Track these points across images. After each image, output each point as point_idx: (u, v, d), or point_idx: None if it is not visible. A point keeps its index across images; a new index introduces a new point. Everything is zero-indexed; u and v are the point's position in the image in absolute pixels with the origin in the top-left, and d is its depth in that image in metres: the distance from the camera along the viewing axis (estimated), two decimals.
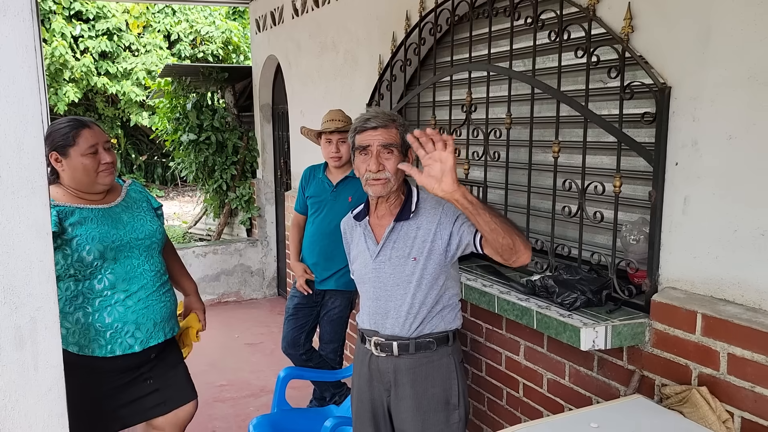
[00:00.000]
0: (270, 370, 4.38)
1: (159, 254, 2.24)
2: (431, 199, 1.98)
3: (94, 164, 2.09)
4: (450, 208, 1.91)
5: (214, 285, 6.10)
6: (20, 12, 1.32)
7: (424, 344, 1.96)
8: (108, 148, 2.13)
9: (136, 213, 2.21)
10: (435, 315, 1.97)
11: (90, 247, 2.02)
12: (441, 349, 1.98)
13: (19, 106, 1.35)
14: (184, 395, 2.29)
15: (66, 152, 2.06)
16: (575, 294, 2.09)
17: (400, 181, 1.99)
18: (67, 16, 11.74)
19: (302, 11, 4.79)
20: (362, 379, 2.08)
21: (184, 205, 13.25)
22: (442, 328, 1.99)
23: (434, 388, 1.97)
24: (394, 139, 1.93)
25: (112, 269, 2.07)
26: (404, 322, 1.96)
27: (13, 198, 1.37)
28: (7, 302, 1.40)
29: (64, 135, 2.06)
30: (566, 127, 2.46)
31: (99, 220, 2.09)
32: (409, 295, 1.94)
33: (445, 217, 1.92)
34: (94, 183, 2.11)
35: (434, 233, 1.92)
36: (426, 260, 1.92)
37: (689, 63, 1.86)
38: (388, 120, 1.94)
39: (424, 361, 1.97)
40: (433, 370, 1.98)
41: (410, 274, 1.93)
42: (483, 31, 2.77)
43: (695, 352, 1.84)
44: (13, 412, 1.44)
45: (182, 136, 6.40)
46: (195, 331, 2.48)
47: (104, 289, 2.06)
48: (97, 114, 13.59)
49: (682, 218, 1.92)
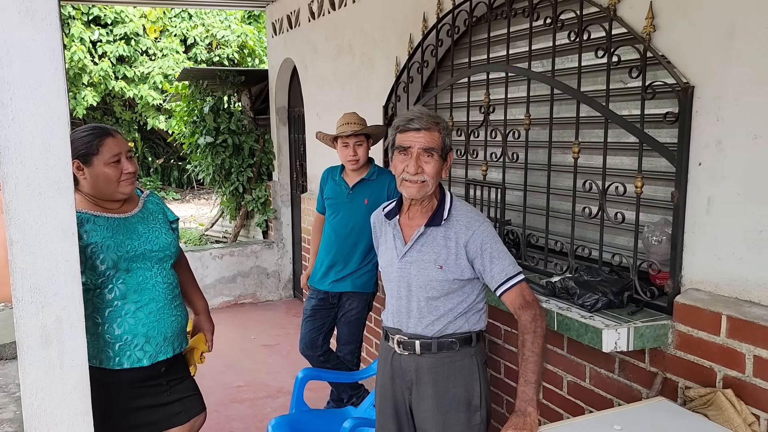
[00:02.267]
0: (286, 372, 4.40)
1: (172, 267, 2.23)
2: (464, 212, 1.97)
3: (117, 173, 2.07)
4: (477, 239, 1.91)
5: (231, 287, 6.14)
6: (47, 16, 1.34)
7: (446, 344, 1.96)
8: (130, 157, 2.12)
9: (152, 224, 2.20)
10: (459, 317, 1.97)
11: (104, 255, 2.01)
12: (464, 350, 1.98)
13: (46, 108, 1.36)
14: (198, 405, 2.29)
15: (89, 161, 2.05)
16: (596, 295, 2.07)
17: (436, 186, 1.97)
18: (85, 21, 11.89)
19: (318, 14, 4.81)
20: (385, 376, 2.08)
21: (200, 208, 13.34)
22: (465, 329, 1.98)
23: (456, 389, 1.97)
24: (436, 143, 1.90)
25: (124, 279, 2.06)
26: (427, 322, 1.96)
27: (40, 199, 1.39)
28: (34, 301, 1.41)
29: (88, 143, 2.05)
30: (586, 128, 2.44)
31: (114, 230, 2.08)
32: (433, 298, 1.94)
33: (473, 245, 1.92)
34: (115, 192, 2.10)
35: (462, 249, 1.92)
36: (452, 270, 1.92)
37: (713, 62, 1.84)
38: (431, 123, 1.91)
39: (447, 360, 1.96)
40: (455, 370, 1.97)
41: (435, 279, 1.93)
42: (501, 31, 2.76)
43: (720, 354, 1.81)
44: (39, 410, 1.45)
45: (199, 139, 6.45)
46: (200, 353, 2.44)
47: (115, 299, 2.05)
48: (114, 118, 13.74)
49: (705, 219, 1.89)
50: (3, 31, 1.31)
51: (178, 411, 2.22)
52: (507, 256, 1.93)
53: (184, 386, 2.26)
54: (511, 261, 1.93)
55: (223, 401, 3.99)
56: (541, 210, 2.58)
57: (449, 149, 1.97)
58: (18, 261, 1.38)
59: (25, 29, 1.32)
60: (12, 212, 1.36)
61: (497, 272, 1.90)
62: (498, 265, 1.91)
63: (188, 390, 2.27)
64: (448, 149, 1.96)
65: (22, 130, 1.34)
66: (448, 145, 1.96)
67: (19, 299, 1.40)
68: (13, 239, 1.37)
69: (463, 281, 1.95)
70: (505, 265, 1.91)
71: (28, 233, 1.38)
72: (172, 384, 2.20)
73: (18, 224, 1.37)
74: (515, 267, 1.93)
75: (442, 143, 1.93)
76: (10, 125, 1.34)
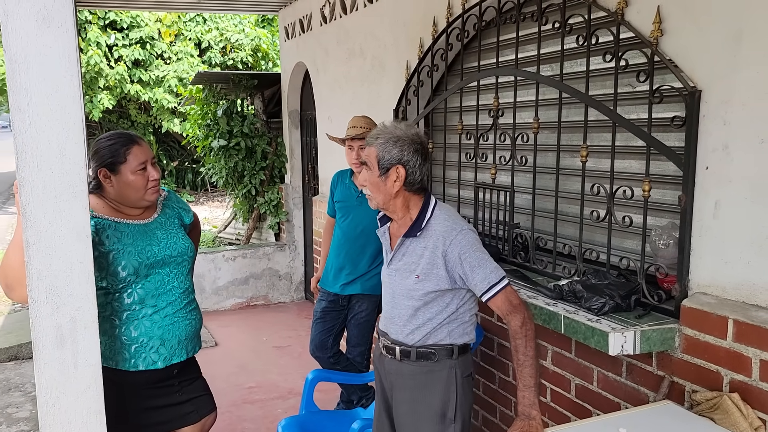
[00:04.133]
0: (297, 373, 4.43)
1: (188, 272, 2.27)
2: (442, 221, 1.97)
3: (143, 181, 2.09)
4: (455, 249, 1.91)
5: (243, 288, 6.19)
6: (64, 23, 1.38)
7: (425, 354, 1.98)
8: (154, 164, 2.14)
9: (170, 230, 2.23)
10: (440, 328, 1.98)
11: (125, 262, 2.04)
12: (443, 362, 1.99)
13: (62, 114, 1.40)
14: (209, 405, 2.33)
15: (116, 169, 2.07)
16: (603, 299, 2.07)
17: (397, 202, 1.99)
18: (102, 26, 12.03)
19: (330, 18, 4.85)
20: (377, 374, 2.17)
21: (213, 210, 13.43)
22: (447, 341, 1.99)
23: (432, 398, 1.98)
24: (369, 157, 1.99)
25: (143, 284, 2.09)
26: (408, 331, 1.99)
27: (56, 202, 1.43)
28: (49, 302, 1.45)
29: (114, 152, 2.06)
30: (594, 131, 2.45)
31: (135, 236, 2.11)
32: (413, 308, 1.97)
33: (451, 256, 1.92)
34: (141, 199, 2.12)
35: (440, 259, 1.93)
36: (429, 280, 1.94)
37: (720, 66, 1.84)
38: (373, 139, 2.00)
39: (425, 369, 1.99)
40: (432, 380, 1.98)
41: (414, 289, 1.96)
42: (510, 36, 2.78)
43: (726, 359, 1.81)
44: (53, 409, 1.49)
45: (213, 142, 6.51)
46: None
47: (133, 303, 2.08)
48: (129, 121, 13.87)
49: (712, 223, 1.90)
50: (21, 38, 1.35)
51: (190, 410, 2.25)
52: (487, 263, 1.92)
53: (195, 386, 2.29)
54: (492, 268, 1.92)
55: (235, 402, 4.02)
56: (549, 213, 2.59)
57: (395, 163, 1.95)
58: (34, 262, 1.42)
59: (43, 36, 1.36)
60: (28, 215, 1.40)
61: (479, 281, 1.91)
62: (479, 273, 1.91)
63: (199, 390, 2.30)
64: (393, 162, 1.95)
65: (38, 134, 1.38)
66: (387, 159, 1.95)
67: (35, 300, 1.44)
68: (29, 241, 1.41)
69: (441, 291, 1.95)
70: (486, 273, 1.91)
71: (44, 235, 1.42)
72: (183, 384, 2.24)
73: (34, 227, 1.41)
74: (497, 273, 1.92)
75: (378, 157, 1.96)
76: (27, 130, 1.38)
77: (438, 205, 2.03)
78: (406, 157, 1.95)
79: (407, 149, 1.95)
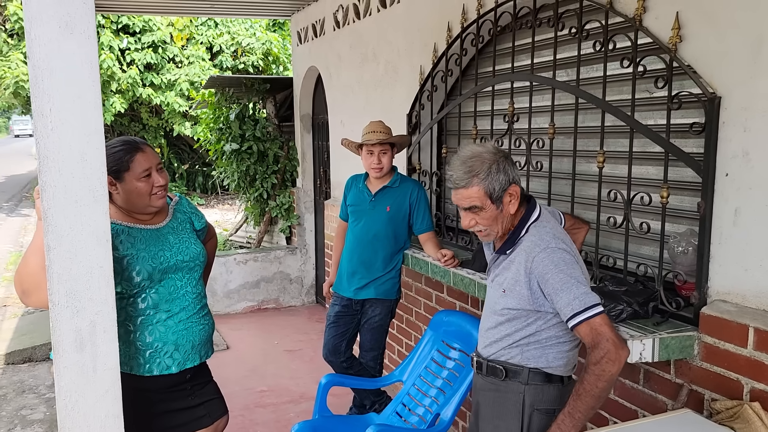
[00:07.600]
0: (309, 377, 4.43)
1: (200, 277, 2.27)
2: (531, 236, 1.85)
3: (148, 187, 2.10)
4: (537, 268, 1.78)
5: (254, 292, 6.20)
6: (86, 30, 1.39)
7: (493, 368, 1.94)
8: (160, 169, 2.14)
9: (182, 235, 2.23)
10: (515, 346, 1.89)
11: (140, 267, 2.05)
12: (511, 383, 1.89)
13: (83, 119, 1.41)
14: (221, 408, 2.33)
15: (121, 176, 2.07)
16: (621, 305, 2.06)
17: (504, 223, 1.88)
18: (114, 30, 12.13)
19: (343, 23, 4.86)
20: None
21: (224, 213, 13.48)
22: (518, 361, 1.89)
23: (498, 420, 1.92)
24: (475, 200, 1.82)
25: (157, 289, 2.10)
26: (486, 343, 1.98)
27: (76, 206, 1.43)
28: (69, 306, 1.46)
29: (118, 159, 2.06)
30: (611, 137, 2.44)
31: (148, 241, 2.11)
32: (495, 321, 1.93)
33: (534, 275, 1.79)
34: (148, 205, 2.13)
35: (524, 276, 1.82)
36: (511, 297, 1.87)
37: (740, 73, 1.83)
38: (466, 178, 1.82)
39: (492, 387, 1.95)
40: (499, 400, 1.92)
41: (498, 303, 1.92)
42: (526, 41, 2.77)
43: (747, 367, 1.79)
44: (72, 412, 1.50)
45: (225, 145, 6.54)
46: None
47: (147, 309, 2.09)
48: (141, 124, 13.97)
49: (732, 230, 1.88)
50: (44, 45, 1.36)
51: (203, 414, 2.25)
52: (573, 287, 1.72)
53: (207, 390, 2.30)
54: (578, 293, 1.71)
55: (247, 405, 4.03)
56: None
57: (505, 189, 1.82)
58: (55, 267, 1.43)
59: (66, 42, 1.37)
60: (50, 219, 1.41)
61: (563, 306, 1.74)
62: (563, 298, 1.73)
63: (211, 393, 2.31)
64: (503, 190, 1.82)
65: (60, 139, 1.39)
66: (498, 189, 1.81)
67: (56, 304, 1.44)
68: (50, 245, 1.42)
69: (523, 311, 1.85)
70: (570, 298, 1.71)
71: (64, 240, 1.43)
72: (196, 388, 2.24)
73: (55, 231, 1.42)
74: (583, 300, 1.70)
75: (486, 192, 1.81)
76: (50, 135, 1.39)
77: (540, 218, 1.89)
78: (510, 173, 1.83)
79: (503, 165, 1.83)
